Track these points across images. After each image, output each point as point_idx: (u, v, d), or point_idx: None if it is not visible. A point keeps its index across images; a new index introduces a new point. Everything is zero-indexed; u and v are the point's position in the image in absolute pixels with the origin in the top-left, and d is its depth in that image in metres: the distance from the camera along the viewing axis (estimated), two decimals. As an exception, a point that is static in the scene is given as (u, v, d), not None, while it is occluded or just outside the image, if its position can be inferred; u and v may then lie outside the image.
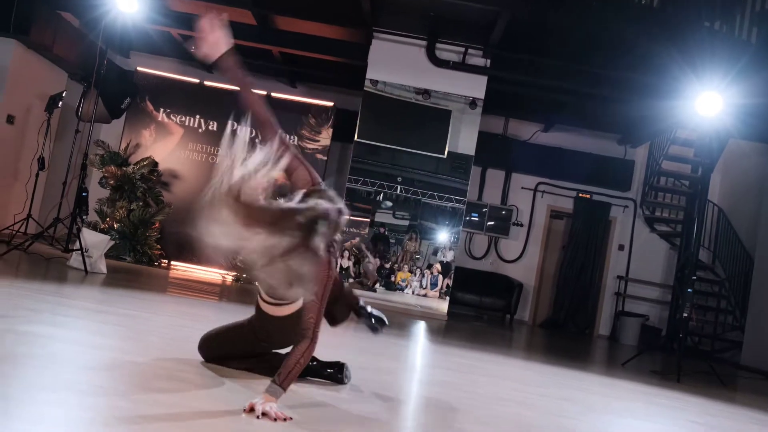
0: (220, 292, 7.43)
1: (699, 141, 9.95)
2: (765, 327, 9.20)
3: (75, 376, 2.35)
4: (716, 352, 10.25)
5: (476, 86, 9.14)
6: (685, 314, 5.99)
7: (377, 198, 9.48)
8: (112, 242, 6.85)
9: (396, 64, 9.21)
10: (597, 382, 4.93)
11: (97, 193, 9.73)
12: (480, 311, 10.94)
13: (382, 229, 9.64)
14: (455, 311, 10.08)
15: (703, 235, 10.46)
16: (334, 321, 2.98)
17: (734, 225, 10.77)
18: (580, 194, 11.38)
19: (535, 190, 11.53)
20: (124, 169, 9.50)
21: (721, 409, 4.56)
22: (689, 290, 6.03)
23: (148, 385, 2.38)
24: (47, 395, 2.01)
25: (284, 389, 2.26)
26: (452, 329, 7.69)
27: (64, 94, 9.07)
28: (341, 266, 9.59)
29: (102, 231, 8.54)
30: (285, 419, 2.13)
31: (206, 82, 10.30)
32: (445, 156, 9.34)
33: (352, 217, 9.36)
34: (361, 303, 3.12)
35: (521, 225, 11.44)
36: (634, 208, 11.44)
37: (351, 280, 9.49)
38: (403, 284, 9.69)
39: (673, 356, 8.04)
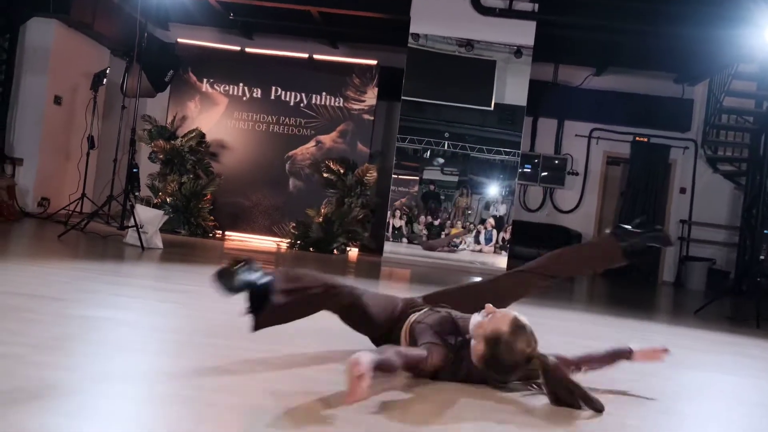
0: (276, 260, 7.39)
1: (763, 74, 9.44)
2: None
3: (140, 364, 2.26)
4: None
5: (524, 33, 8.78)
6: (762, 257, 5.69)
7: (425, 155, 9.27)
8: (166, 217, 6.84)
9: (440, 16, 8.89)
10: (673, 333, 4.71)
11: (147, 168, 9.76)
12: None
13: (432, 186, 9.46)
14: (514, 266, 9.89)
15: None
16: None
17: (803, 160, 10.25)
18: (637, 138, 10.96)
19: (590, 137, 11.15)
20: (173, 142, 9.48)
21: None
22: (766, 231, 5.71)
23: (216, 367, 2.28)
24: (115, 386, 1.92)
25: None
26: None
27: (107, 71, 9.05)
28: (393, 226, 9.46)
29: (155, 206, 8.57)
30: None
31: (247, 49, 10.16)
32: (491, 108, 9.05)
33: (400, 176, 9.21)
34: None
35: (576, 174, 11.10)
36: (694, 149, 10.98)
37: (404, 240, 9.36)
38: (458, 241, 9.53)
39: (744, 300, 7.76)
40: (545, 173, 10.98)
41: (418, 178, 9.32)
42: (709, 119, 10.55)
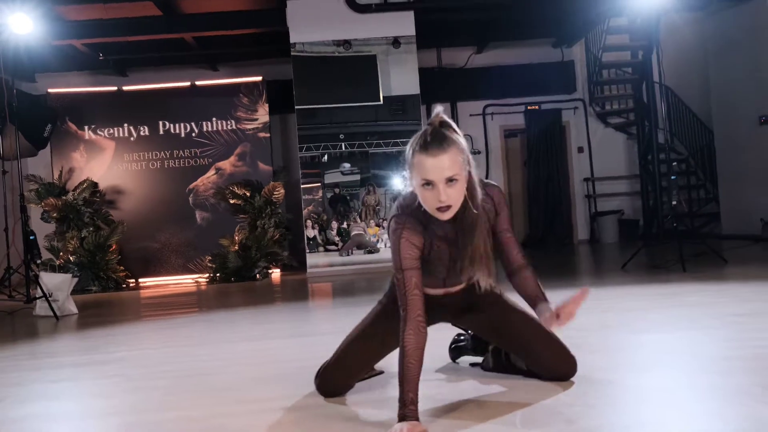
0: (199, 301, 7.10)
1: (633, 25, 9.80)
2: (738, 193, 9.25)
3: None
4: (696, 229, 10.32)
5: (404, 24, 8.78)
6: (674, 201, 5.88)
7: (323, 159, 9.13)
8: (76, 279, 6.43)
9: (317, 21, 8.76)
10: (612, 295, 4.78)
11: (43, 229, 9.20)
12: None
13: (336, 190, 9.35)
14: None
15: (657, 116, 10.42)
16: None
17: (685, 100, 10.75)
18: (529, 107, 11.20)
19: (484, 114, 11.31)
20: (64, 198, 8.99)
21: (747, 290, 4.47)
22: (673, 177, 5.91)
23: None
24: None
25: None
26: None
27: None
28: (307, 237, 9.30)
29: (59, 268, 8.10)
30: None
31: (124, 88, 9.74)
32: (381, 102, 9.01)
33: (303, 185, 9.04)
34: None
35: (478, 152, 11.23)
36: (584, 108, 11.33)
37: (321, 249, 9.20)
38: (375, 239, 9.45)
39: (657, 246, 8.04)
40: (448, 157, 11.06)
41: (320, 183, 9.18)
42: (592, 77, 10.92)
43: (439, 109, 2.14)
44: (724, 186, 9.60)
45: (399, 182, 9.27)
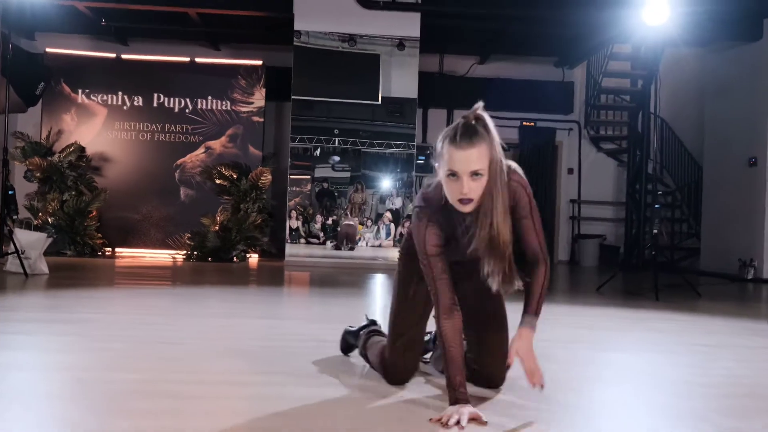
0: (173, 275, 7.06)
1: (636, 53, 9.86)
2: (720, 231, 9.32)
3: (40, 411, 2.02)
4: (675, 261, 10.38)
5: (410, 25, 8.77)
6: (655, 230, 5.91)
7: (315, 153, 9.10)
8: (50, 240, 6.38)
9: (324, 11, 8.73)
10: (583, 314, 4.80)
11: (24, 188, 9.12)
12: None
13: (325, 184, 9.33)
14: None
15: (649, 147, 10.48)
16: None
17: (678, 134, 10.81)
18: (524, 122, 11.22)
19: (479, 125, 11.30)
20: (49, 159, 8.92)
21: (716, 324, 4.49)
22: (657, 206, 5.94)
23: (126, 407, 2.07)
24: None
25: (539, 315, 2.19)
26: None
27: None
28: (290, 227, 9.27)
29: (36, 227, 8.03)
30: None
31: (123, 56, 9.68)
32: (379, 102, 9.00)
33: (292, 176, 8.99)
34: None
35: (469, 162, 11.22)
36: (578, 130, 11.37)
37: (302, 241, 9.18)
38: (357, 237, 9.44)
39: (635, 273, 8.06)
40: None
41: (310, 177, 9.14)
42: (590, 100, 10.96)
43: (479, 105, 2.16)
44: (707, 223, 9.67)
45: (387, 184, 9.26)
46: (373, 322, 2.83)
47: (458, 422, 1.91)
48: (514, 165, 2.24)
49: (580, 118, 11.32)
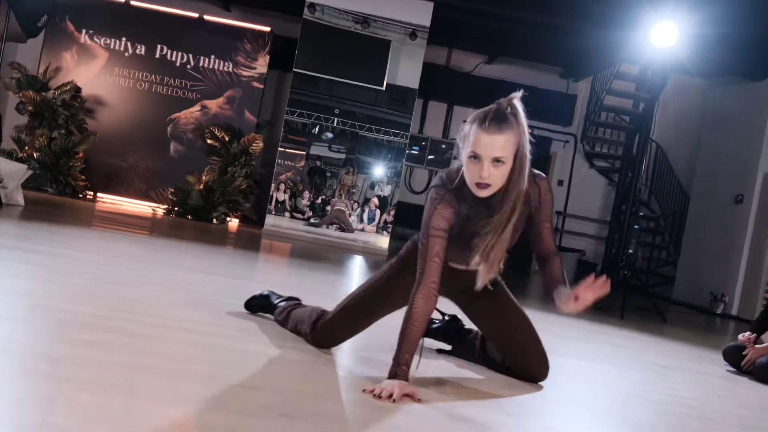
0: (151, 226, 7.04)
1: (642, 76, 9.89)
2: (697, 263, 9.39)
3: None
4: (649, 286, 10.44)
5: (421, 13, 8.74)
6: (630, 250, 5.94)
7: (314, 130, 9.08)
8: (30, 172, 6.34)
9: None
10: (546, 321, 4.82)
11: (15, 120, 9.05)
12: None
13: (318, 162, 9.31)
14: (397, 246, 9.91)
15: (641, 171, 10.53)
16: None
17: (671, 162, 10.86)
18: (522, 128, 11.21)
19: (477, 124, 11.31)
20: (44, 94, 8.84)
21: (675, 348, 4.54)
22: (636, 226, 5.97)
23: (74, 337, 2.07)
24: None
25: None
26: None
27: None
28: (277, 199, 9.26)
29: (20, 160, 7.96)
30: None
31: (132, 2, 9.58)
32: (383, 88, 8.97)
33: (287, 150, 8.97)
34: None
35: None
36: (574, 144, 11.39)
37: (287, 214, 9.17)
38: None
39: (610, 291, 8.04)
40: (432, 156, 11.05)
41: (305, 152, 9.12)
42: (590, 115, 10.97)
43: (517, 94, 2.23)
44: (686, 253, 9.75)
45: (380, 170, 9.25)
46: (295, 298, 2.85)
47: (391, 396, 1.92)
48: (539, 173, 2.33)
49: (578, 131, 11.34)
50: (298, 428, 1.57)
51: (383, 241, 9.09)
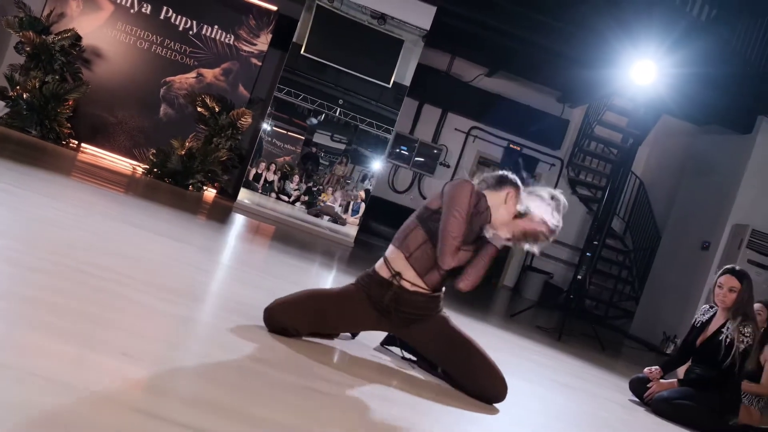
0: (128, 184, 7.13)
1: (634, 112, 10.00)
2: (657, 302, 9.51)
3: None
4: (609, 318, 10.58)
5: (424, 15, 8.83)
6: (579, 276, 6.06)
7: (315, 117, 9.19)
8: (7, 109, 6.42)
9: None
10: (486, 333, 4.94)
11: (12, 58, 9.14)
12: (388, 243, 10.89)
13: (313, 149, 9.44)
14: (364, 240, 10.02)
15: (620, 204, 10.66)
16: None
17: (651, 200, 10.98)
18: (511, 145, 11.35)
19: (468, 134, 11.44)
20: (44, 37, 8.93)
21: (593, 373, 4.65)
22: (588, 254, 6.10)
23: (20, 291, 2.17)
24: None
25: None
26: (356, 257, 7.62)
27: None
28: (266, 179, 9.38)
29: (8, 98, 8.05)
30: None
31: (146, -39, 9.67)
32: (389, 86, 9.06)
33: (288, 133, 9.08)
34: None
35: (448, 166, 11.37)
36: (560, 168, 11.52)
37: (273, 195, 9.30)
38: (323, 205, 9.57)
39: (553, 312, 8.18)
40: (419, 158, 11.17)
41: (303, 138, 9.23)
42: (579, 142, 11.08)
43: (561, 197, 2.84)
44: (648, 290, 9.87)
45: (378, 165, 9.36)
46: None
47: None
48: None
49: (566, 156, 11.46)
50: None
51: (351, 230, 9.18)
